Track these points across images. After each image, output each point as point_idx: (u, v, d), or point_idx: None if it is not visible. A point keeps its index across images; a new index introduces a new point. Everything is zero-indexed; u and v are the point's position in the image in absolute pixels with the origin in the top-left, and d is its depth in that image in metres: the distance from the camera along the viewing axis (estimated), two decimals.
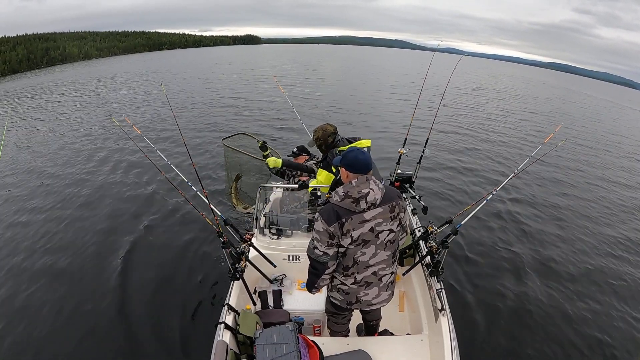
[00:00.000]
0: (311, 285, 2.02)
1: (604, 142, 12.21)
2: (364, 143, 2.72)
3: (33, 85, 24.29)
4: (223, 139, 3.92)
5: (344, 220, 1.81)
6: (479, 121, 12.98)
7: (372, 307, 2.09)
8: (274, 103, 13.90)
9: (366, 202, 1.82)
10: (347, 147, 2.64)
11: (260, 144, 3.78)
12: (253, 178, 4.28)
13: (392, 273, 2.05)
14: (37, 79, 29.81)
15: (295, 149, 3.90)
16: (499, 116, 14.46)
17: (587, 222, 5.72)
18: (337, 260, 1.95)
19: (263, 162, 3.67)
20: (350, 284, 1.99)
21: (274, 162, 3.28)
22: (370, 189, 1.83)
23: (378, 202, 1.85)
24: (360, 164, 1.84)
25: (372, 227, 1.87)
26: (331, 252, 1.88)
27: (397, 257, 2.10)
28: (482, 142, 10.02)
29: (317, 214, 1.90)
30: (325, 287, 2.14)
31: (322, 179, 2.82)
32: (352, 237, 1.85)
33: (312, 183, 2.98)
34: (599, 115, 20.34)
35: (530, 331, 3.38)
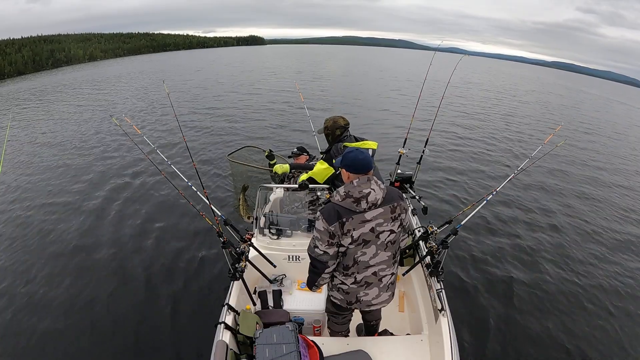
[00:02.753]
0: (311, 284, 2.03)
1: (604, 142, 12.07)
2: (370, 144, 2.71)
3: (37, 87, 24.51)
4: (228, 155, 3.93)
5: (344, 219, 1.81)
6: (480, 121, 12.90)
7: (372, 308, 2.09)
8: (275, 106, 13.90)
9: (367, 202, 1.82)
10: (352, 144, 2.64)
11: (266, 154, 3.78)
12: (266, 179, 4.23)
13: (392, 274, 2.05)
14: (41, 81, 30.07)
15: (295, 149, 3.91)
16: (499, 116, 14.37)
17: (587, 222, 5.67)
18: (338, 260, 1.95)
19: (270, 171, 3.67)
20: (350, 284, 1.99)
21: (282, 168, 3.29)
22: (372, 189, 1.83)
23: (379, 202, 1.85)
24: (359, 164, 1.84)
25: (372, 227, 1.86)
26: (331, 251, 1.88)
27: (398, 258, 2.09)
28: (482, 142, 9.96)
29: (318, 213, 1.90)
30: (326, 286, 2.14)
31: (322, 168, 2.78)
32: (352, 236, 1.84)
33: (304, 176, 2.95)
34: (600, 114, 20.14)
35: (531, 331, 3.37)
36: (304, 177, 2.96)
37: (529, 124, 13.35)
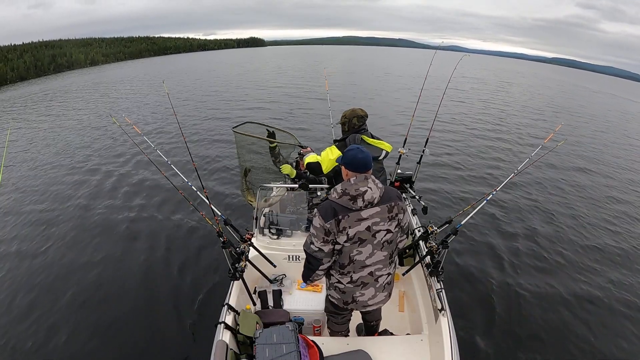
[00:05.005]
0: (305, 278, 2.05)
1: (605, 140, 11.97)
2: (385, 146, 2.70)
3: (40, 91, 24.66)
4: (233, 128, 3.77)
5: (340, 217, 1.82)
6: (480, 120, 12.85)
7: (369, 308, 2.09)
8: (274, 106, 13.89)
9: (363, 200, 1.82)
10: (368, 140, 2.66)
11: (267, 133, 3.46)
12: (269, 164, 3.96)
13: (389, 274, 2.05)
14: (43, 86, 30.23)
15: (300, 151, 3.82)
16: (499, 115, 14.28)
17: (588, 221, 5.64)
18: (333, 258, 1.96)
19: (270, 150, 3.53)
20: (347, 283, 1.99)
21: (290, 169, 3.21)
22: (369, 187, 1.83)
23: (376, 201, 1.85)
24: (358, 162, 1.85)
25: (368, 226, 1.87)
26: (326, 248, 1.89)
27: (396, 258, 2.09)
28: (483, 142, 9.93)
29: (315, 209, 1.92)
30: (325, 285, 2.14)
31: (331, 154, 2.70)
32: (348, 234, 1.85)
33: (312, 157, 2.86)
34: (601, 111, 19.99)
35: (531, 331, 3.35)
36: (309, 159, 2.87)
37: (529, 123, 13.26)
